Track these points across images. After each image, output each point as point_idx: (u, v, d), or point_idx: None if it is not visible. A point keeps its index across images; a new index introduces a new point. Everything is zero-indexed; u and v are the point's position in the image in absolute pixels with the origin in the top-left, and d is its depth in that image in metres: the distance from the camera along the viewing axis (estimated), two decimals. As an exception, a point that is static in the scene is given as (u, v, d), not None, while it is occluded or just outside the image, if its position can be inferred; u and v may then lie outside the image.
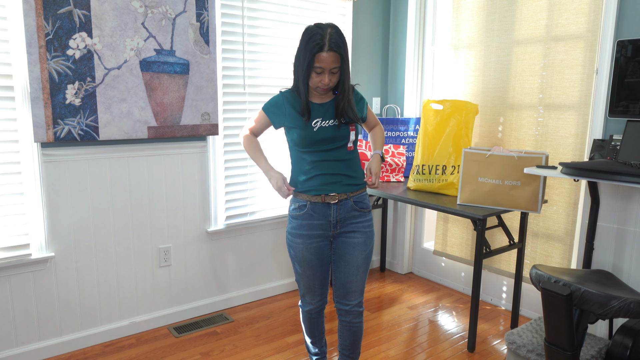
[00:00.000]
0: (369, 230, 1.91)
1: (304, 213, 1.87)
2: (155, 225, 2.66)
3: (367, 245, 1.91)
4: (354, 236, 1.89)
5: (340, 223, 1.88)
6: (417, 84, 3.44)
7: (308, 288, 1.97)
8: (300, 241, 1.89)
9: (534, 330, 2.27)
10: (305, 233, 1.88)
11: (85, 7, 2.25)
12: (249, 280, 3.08)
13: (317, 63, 1.71)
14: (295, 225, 1.89)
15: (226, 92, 2.79)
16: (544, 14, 2.63)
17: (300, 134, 1.82)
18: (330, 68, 1.72)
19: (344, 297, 1.93)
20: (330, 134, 1.82)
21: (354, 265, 1.89)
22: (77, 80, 2.27)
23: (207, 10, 2.60)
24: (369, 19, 3.41)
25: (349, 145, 1.86)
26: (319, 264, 1.92)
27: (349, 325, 1.97)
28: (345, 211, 1.87)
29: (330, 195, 1.85)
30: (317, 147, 1.83)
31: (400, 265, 3.64)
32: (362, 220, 1.90)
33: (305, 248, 1.89)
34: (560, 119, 2.62)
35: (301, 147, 1.85)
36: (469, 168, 2.50)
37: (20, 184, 2.24)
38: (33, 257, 2.28)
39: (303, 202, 1.87)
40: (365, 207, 1.91)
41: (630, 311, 1.68)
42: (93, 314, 2.52)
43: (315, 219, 1.87)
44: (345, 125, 1.84)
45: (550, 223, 2.73)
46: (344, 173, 1.86)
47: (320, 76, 1.74)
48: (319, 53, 1.69)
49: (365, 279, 1.94)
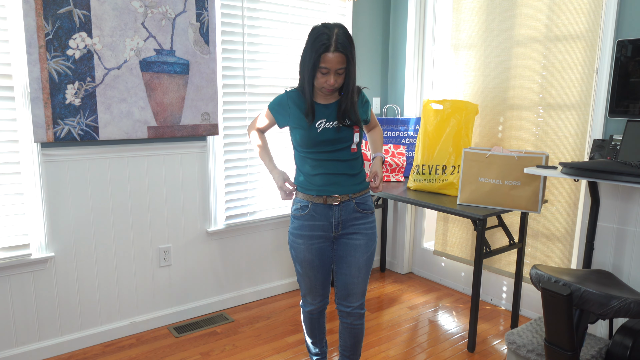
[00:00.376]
0: (371, 232, 1.90)
1: (306, 214, 1.86)
2: (155, 225, 2.66)
3: (369, 247, 1.89)
4: (355, 238, 1.88)
5: (342, 224, 1.87)
6: (417, 84, 3.44)
7: (309, 288, 1.96)
8: (301, 241, 1.88)
9: (534, 330, 2.27)
10: (306, 234, 1.87)
11: (85, 7, 2.25)
12: (249, 280, 3.08)
13: (322, 63, 1.69)
14: (297, 226, 1.88)
15: (226, 92, 2.79)
16: (544, 14, 2.62)
17: (304, 134, 1.81)
18: (336, 69, 1.70)
19: (345, 298, 1.92)
20: (333, 135, 1.80)
21: (355, 266, 1.88)
22: (77, 80, 2.27)
23: (207, 10, 2.60)
24: (369, 19, 3.41)
25: (353, 147, 1.85)
26: (320, 265, 1.91)
27: (350, 327, 1.96)
28: (347, 212, 1.86)
29: (332, 197, 1.83)
30: (320, 148, 1.82)
31: (400, 265, 3.64)
32: (364, 222, 1.88)
33: (307, 248, 1.88)
34: (560, 119, 2.62)
35: (304, 147, 1.83)
36: (469, 168, 2.50)
37: (20, 184, 2.24)
38: (33, 257, 2.28)
39: (305, 202, 1.86)
40: (367, 208, 1.90)
41: (630, 311, 1.68)
42: (93, 314, 2.52)
43: (317, 219, 1.85)
44: (349, 127, 1.83)
45: (550, 223, 2.73)
46: (347, 173, 1.85)
47: (326, 77, 1.72)
48: (325, 53, 1.67)
49: (367, 281, 1.93)
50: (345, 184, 1.84)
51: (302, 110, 1.82)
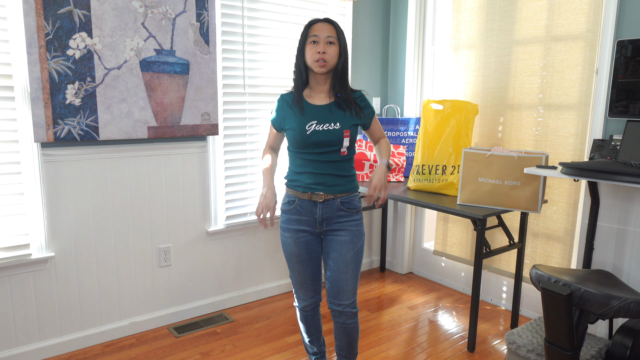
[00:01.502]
0: (356, 230, 1.91)
1: (293, 208, 1.91)
2: (155, 225, 2.66)
3: (355, 243, 1.90)
4: (340, 234, 1.90)
5: (327, 221, 1.90)
6: (417, 84, 3.44)
7: (300, 283, 2.00)
8: (289, 235, 1.93)
9: (534, 330, 2.27)
10: (293, 227, 1.91)
11: (85, 7, 2.25)
12: (249, 280, 3.08)
13: (311, 33, 1.79)
14: (285, 219, 1.93)
15: (226, 92, 2.79)
16: (544, 14, 2.63)
17: (295, 135, 1.84)
18: (324, 36, 1.78)
19: (335, 296, 1.93)
20: (323, 137, 1.82)
21: (342, 262, 1.89)
22: (77, 80, 2.27)
23: (207, 10, 2.60)
24: (369, 19, 3.41)
25: (342, 150, 1.86)
26: (308, 258, 1.94)
27: (343, 326, 1.97)
28: (331, 210, 1.88)
29: (317, 194, 1.86)
30: (310, 149, 1.85)
31: (400, 265, 3.64)
32: (348, 220, 1.90)
33: (294, 242, 1.92)
34: (560, 119, 2.62)
35: (295, 147, 1.88)
36: (469, 168, 2.50)
37: (20, 184, 2.24)
38: (33, 257, 2.28)
39: (292, 197, 1.91)
40: (352, 207, 1.91)
41: (630, 311, 1.68)
42: (93, 314, 2.52)
43: (303, 214, 1.89)
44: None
45: (550, 223, 2.73)
46: (333, 173, 1.87)
47: (316, 46, 1.79)
48: (314, 25, 1.81)
49: (356, 278, 1.93)
50: (331, 184, 1.87)
51: (293, 108, 1.86)
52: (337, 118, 1.84)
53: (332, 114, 1.84)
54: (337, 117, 1.84)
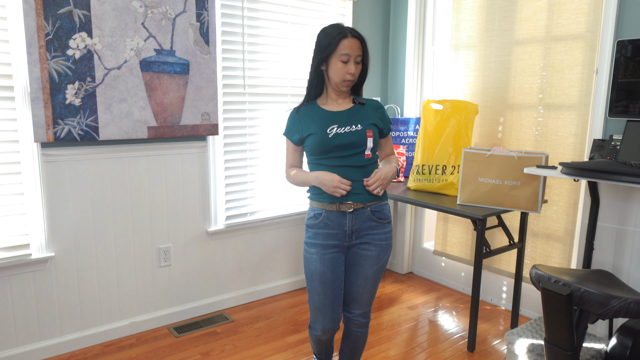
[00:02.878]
0: (385, 243, 1.82)
1: (320, 222, 1.80)
2: (155, 225, 2.66)
3: (380, 258, 1.83)
4: (367, 248, 1.81)
5: (356, 233, 1.79)
6: (417, 84, 3.44)
7: (318, 310, 1.85)
8: (314, 251, 1.81)
9: (534, 330, 2.27)
10: (320, 242, 1.80)
11: (85, 7, 2.25)
12: (249, 280, 3.08)
13: (342, 50, 1.69)
14: (311, 235, 1.82)
15: (226, 92, 2.79)
16: (544, 14, 2.63)
17: (316, 140, 1.75)
18: (355, 55, 1.71)
19: (348, 304, 1.89)
20: (346, 140, 1.74)
21: (362, 277, 1.83)
22: (77, 80, 2.27)
23: (207, 10, 2.60)
24: (369, 19, 3.41)
25: (367, 152, 1.77)
26: (332, 279, 1.81)
27: (351, 332, 1.94)
28: (361, 221, 1.78)
29: (346, 204, 1.76)
30: (333, 154, 1.76)
31: (400, 265, 3.64)
32: (379, 232, 1.81)
33: (319, 259, 1.80)
34: (560, 119, 2.62)
35: (317, 154, 1.78)
36: (469, 168, 2.50)
37: (20, 184, 2.24)
38: (33, 257, 2.28)
39: (319, 210, 1.80)
40: (383, 217, 1.82)
41: (630, 311, 1.68)
42: (93, 314, 2.52)
43: (331, 228, 1.78)
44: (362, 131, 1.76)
45: (550, 223, 2.73)
46: (361, 180, 1.77)
47: (347, 66, 1.72)
48: (343, 39, 1.69)
49: (374, 291, 1.87)
50: (360, 191, 1.77)
51: (310, 116, 1.80)
52: (358, 120, 1.78)
53: (351, 117, 1.78)
54: (358, 119, 1.78)
